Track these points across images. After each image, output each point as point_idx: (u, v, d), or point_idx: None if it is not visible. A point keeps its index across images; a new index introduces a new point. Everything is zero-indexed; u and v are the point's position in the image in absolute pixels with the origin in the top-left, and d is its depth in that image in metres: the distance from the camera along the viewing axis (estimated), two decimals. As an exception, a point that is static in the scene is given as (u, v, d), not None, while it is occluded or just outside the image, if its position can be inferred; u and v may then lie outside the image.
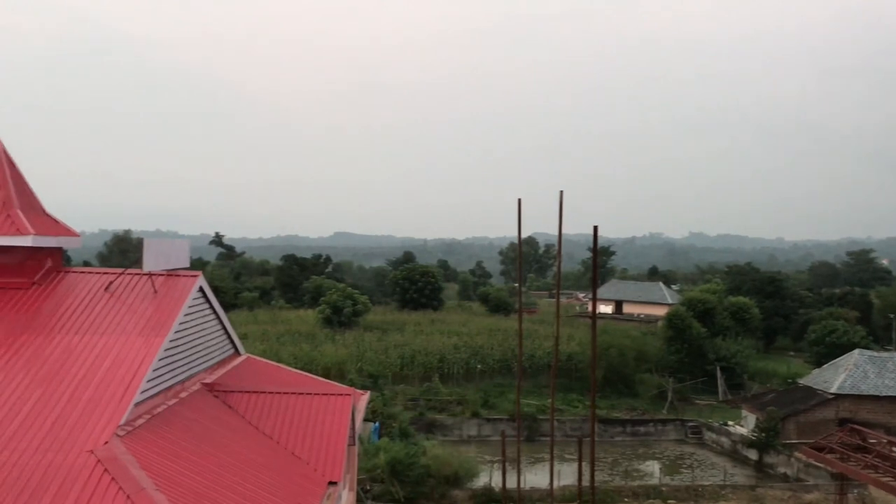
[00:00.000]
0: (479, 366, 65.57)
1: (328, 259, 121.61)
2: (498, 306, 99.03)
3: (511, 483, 33.66)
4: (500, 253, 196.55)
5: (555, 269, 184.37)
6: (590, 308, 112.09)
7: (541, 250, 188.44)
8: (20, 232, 16.88)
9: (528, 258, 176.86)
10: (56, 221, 18.72)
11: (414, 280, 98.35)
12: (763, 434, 50.52)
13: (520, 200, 5.57)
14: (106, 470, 11.71)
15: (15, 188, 17.71)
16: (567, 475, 43.82)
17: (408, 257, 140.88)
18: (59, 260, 18.36)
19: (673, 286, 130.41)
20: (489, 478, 41.96)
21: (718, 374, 67.93)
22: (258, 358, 24.11)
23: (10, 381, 13.81)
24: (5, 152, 18.14)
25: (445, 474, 39.45)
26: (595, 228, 4.60)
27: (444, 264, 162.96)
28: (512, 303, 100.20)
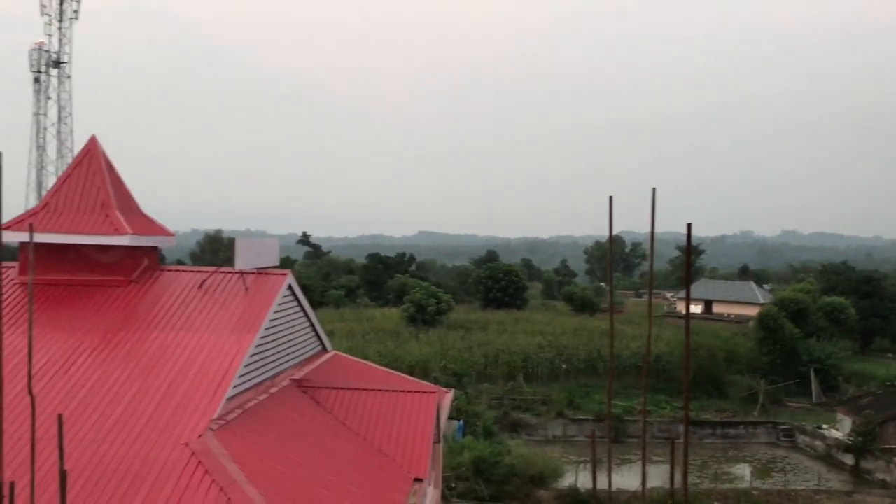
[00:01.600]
0: (563, 366, 65.09)
1: (412, 258, 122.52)
2: (583, 306, 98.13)
3: (599, 484, 33.23)
4: (586, 252, 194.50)
5: (641, 268, 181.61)
6: (678, 307, 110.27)
7: (627, 249, 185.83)
8: (118, 232, 17.50)
9: (614, 257, 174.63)
10: (152, 221, 19.34)
11: (497, 279, 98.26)
12: (860, 438, 48.70)
13: (611, 198, 5.48)
14: (200, 462, 12.03)
15: (113, 190, 18.36)
16: (654, 477, 43.07)
17: (491, 256, 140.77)
18: (155, 259, 18.96)
19: (764, 286, 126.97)
20: (574, 478, 41.60)
21: (812, 376, 65.81)
22: (345, 355, 24.45)
23: (110, 375, 14.33)
24: (104, 155, 18.83)
25: (530, 474, 39.29)
26: (689, 227, 4.49)
27: (527, 263, 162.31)
28: (597, 302, 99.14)
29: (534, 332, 74.38)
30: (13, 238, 18.41)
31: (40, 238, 16.83)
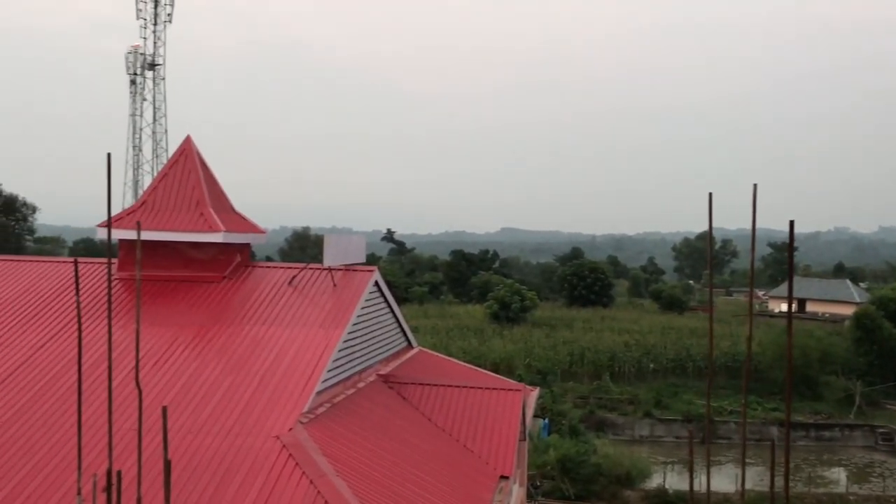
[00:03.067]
0: (651, 365, 64.04)
1: (496, 254, 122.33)
2: (671, 304, 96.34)
3: (687, 485, 32.48)
4: (674, 249, 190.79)
5: (731, 265, 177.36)
6: (770, 306, 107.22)
7: (717, 245, 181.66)
8: (212, 229, 17.98)
9: (703, 254, 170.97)
10: (244, 219, 19.81)
11: (583, 276, 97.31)
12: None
13: (711, 195, 5.31)
14: (290, 455, 12.27)
15: (207, 188, 18.87)
16: (746, 479, 41.98)
17: (576, 253, 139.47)
18: (246, 255, 19.41)
19: (861, 284, 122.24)
20: (662, 479, 40.91)
21: (913, 378, 63.14)
22: (430, 351, 24.59)
23: (204, 368, 14.74)
24: (198, 154, 19.37)
25: (617, 473, 38.81)
26: (791, 224, 4.31)
27: (613, 260, 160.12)
28: (686, 300, 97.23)
29: (620, 331, 73.40)
30: (113, 235, 19.11)
31: (135, 235, 17.40)
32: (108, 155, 3.95)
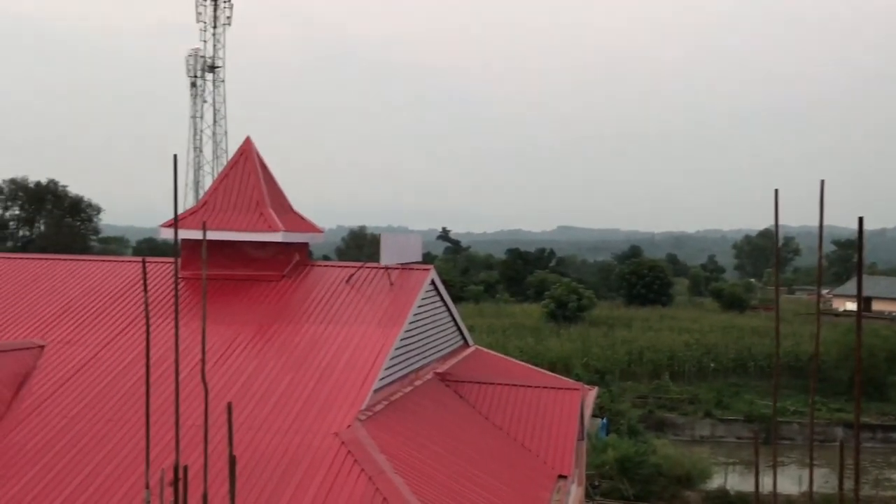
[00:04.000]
0: (711, 364, 63.07)
1: (552, 253, 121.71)
2: (732, 303, 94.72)
3: (750, 487, 32.03)
4: (734, 247, 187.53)
5: (794, 263, 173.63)
6: (834, 304, 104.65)
7: (780, 243, 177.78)
8: (271, 229, 18.22)
9: (765, 252, 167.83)
10: (302, 219, 20.03)
11: (641, 275, 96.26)
12: None
13: (777, 192, 5.19)
14: (349, 452, 12.37)
15: (267, 188, 19.13)
16: (807, 481, 41.06)
17: (634, 251, 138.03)
18: (305, 254, 19.63)
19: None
20: (724, 480, 40.26)
21: None
22: (487, 350, 24.56)
23: (264, 366, 14.94)
24: (258, 155, 19.65)
25: (677, 474, 38.29)
26: (860, 221, 4.19)
27: (672, 258, 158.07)
28: (747, 299, 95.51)
29: (680, 330, 72.43)
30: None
31: (199, 235, 17.72)
32: (175, 157, 4.03)
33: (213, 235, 17.90)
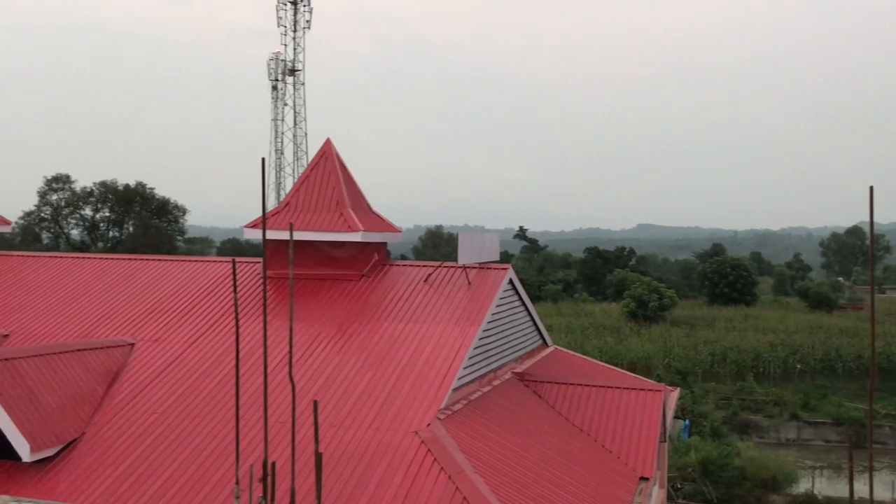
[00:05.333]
0: (798, 365, 61.30)
1: (632, 251, 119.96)
2: (819, 302, 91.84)
3: (841, 492, 31.05)
4: (821, 244, 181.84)
5: (884, 261, 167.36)
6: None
7: (868, 241, 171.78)
8: (351, 229, 18.44)
9: (853, 249, 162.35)
10: (381, 218, 20.22)
11: (724, 273, 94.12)
12: None
13: (872, 189, 4.99)
14: (429, 450, 12.43)
15: (346, 189, 19.38)
16: (889, 487, 39.60)
17: (716, 249, 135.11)
18: (383, 254, 19.81)
19: None
20: (811, 484, 39.09)
21: None
22: (565, 350, 24.38)
23: (345, 364, 15.14)
24: (338, 156, 19.91)
25: (762, 477, 37.33)
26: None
27: (756, 257, 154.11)
28: (835, 298, 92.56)
29: (765, 330, 70.59)
30: (258, 235, 19.90)
31: (282, 235, 18.05)
32: (263, 160, 4.12)
33: (295, 235, 18.21)
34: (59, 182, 79.35)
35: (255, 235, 20.04)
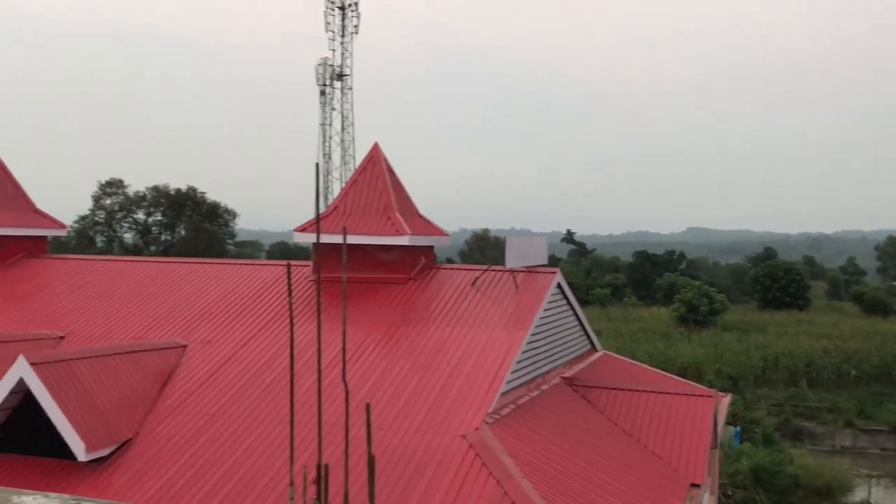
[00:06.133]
0: (853, 371, 60.01)
1: (682, 255, 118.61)
2: (875, 307, 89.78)
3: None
4: (877, 248, 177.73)
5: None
6: None
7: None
8: (399, 232, 18.51)
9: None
10: (428, 222, 20.27)
11: (776, 277, 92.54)
12: None
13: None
14: (477, 455, 12.40)
15: (394, 193, 19.46)
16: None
17: (768, 253, 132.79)
18: (430, 257, 19.84)
19: None
20: (867, 493, 38.22)
21: None
22: (614, 354, 24.16)
23: (393, 367, 15.19)
24: (386, 160, 20.01)
25: (816, 486, 36.60)
26: None
27: (809, 260, 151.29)
28: (892, 303, 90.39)
29: (818, 335, 69.23)
30: (307, 239, 20.10)
31: (330, 239, 18.19)
32: (317, 166, 4.15)
33: (341, 239, 18.33)
34: (112, 186, 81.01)
35: (303, 239, 20.24)
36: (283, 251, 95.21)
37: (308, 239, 20.13)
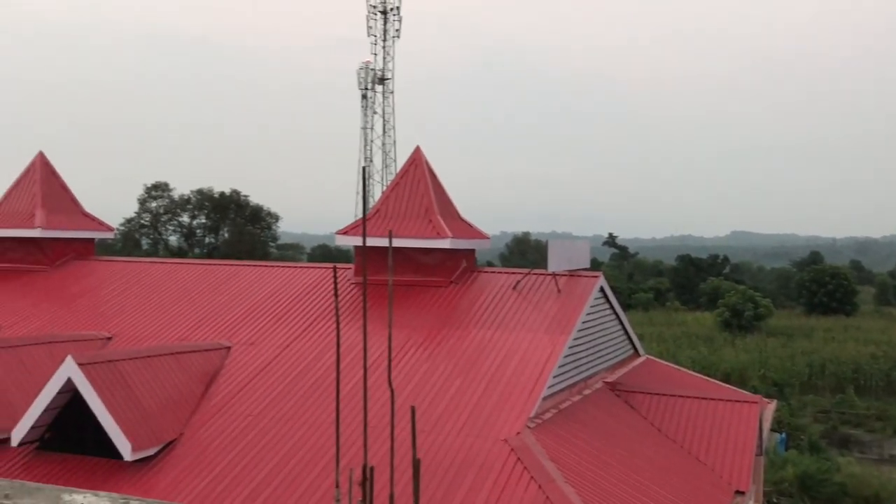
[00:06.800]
0: (902, 378, 58.75)
1: (726, 259, 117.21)
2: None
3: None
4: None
5: None
6: None
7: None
8: (440, 235, 18.52)
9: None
10: (470, 225, 20.24)
11: (823, 282, 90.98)
12: None
13: None
14: (519, 459, 12.35)
15: (436, 196, 19.47)
16: None
17: (814, 257, 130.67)
18: (472, 261, 19.82)
19: None
20: (917, 504, 37.33)
21: None
22: (657, 359, 23.92)
23: (435, 370, 15.19)
24: (427, 164, 20.03)
25: (864, 495, 35.85)
26: None
27: (857, 265, 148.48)
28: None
29: (866, 341, 67.89)
30: (349, 242, 20.19)
31: (373, 242, 18.25)
32: (364, 169, 4.16)
33: (383, 242, 18.40)
34: (158, 190, 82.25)
35: (345, 242, 20.33)
36: (325, 254, 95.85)
37: (350, 242, 20.22)
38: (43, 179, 22.83)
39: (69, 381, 13.58)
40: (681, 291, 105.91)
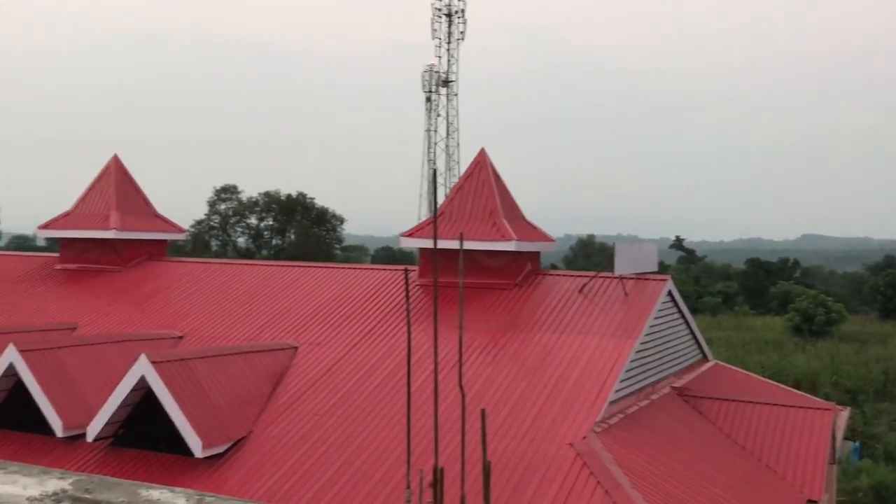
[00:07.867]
0: (984, 387, 56.54)
1: (796, 263, 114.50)
2: None
3: None
4: None
5: None
6: None
7: None
8: (504, 238, 18.48)
9: None
10: (534, 228, 20.16)
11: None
12: None
13: None
14: (584, 463, 12.24)
15: (500, 198, 19.44)
16: None
17: (889, 262, 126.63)
18: (536, 263, 19.72)
19: None
20: None
21: None
22: (726, 365, 23.47)
23: (499, 373, 15.15)
24: (492, 166, 20.01)
25: (943, 508, 34.61)
26: None
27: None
28: None
29: (945, 348, 65.67)
30: (413, 244, 20.27)
31: (440, 244, 18.28)
32: (434, 171, 4.18)
33: (449, 244, 18.43)
34: (226, 192, 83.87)
35: (410, 244, 20.42)
36: (388, 255, 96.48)
37: (415, 244, 20.31)
38: (117, 182, 23.49)
39: (142, 379, 13.93)
40: (750, 295, 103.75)
